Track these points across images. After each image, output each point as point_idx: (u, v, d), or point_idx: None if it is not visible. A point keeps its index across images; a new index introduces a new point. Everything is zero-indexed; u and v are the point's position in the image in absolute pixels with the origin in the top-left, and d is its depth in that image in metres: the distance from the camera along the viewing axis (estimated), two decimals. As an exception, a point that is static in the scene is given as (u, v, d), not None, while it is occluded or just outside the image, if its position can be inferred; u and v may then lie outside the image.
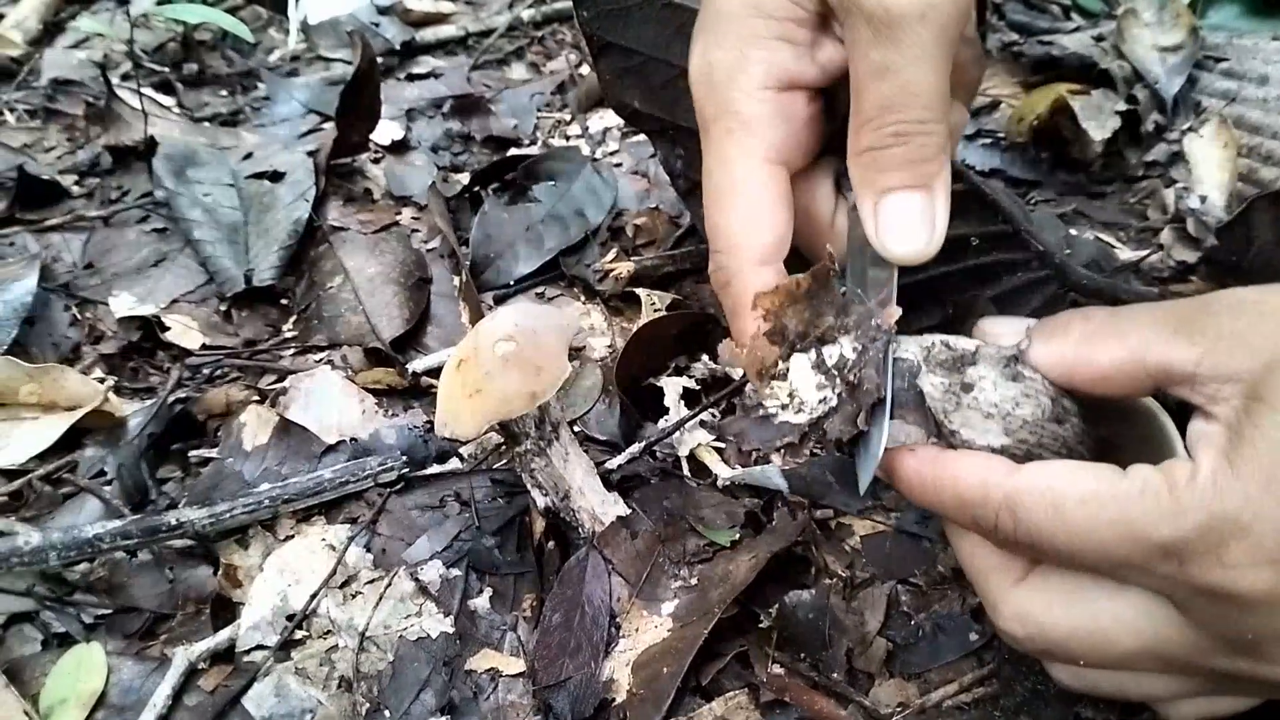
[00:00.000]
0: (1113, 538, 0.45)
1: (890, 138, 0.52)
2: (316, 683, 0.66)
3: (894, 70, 0.51)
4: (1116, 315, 0.51)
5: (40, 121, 1.32)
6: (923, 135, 0.52)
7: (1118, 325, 0.50)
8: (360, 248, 1.02)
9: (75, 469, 0.83)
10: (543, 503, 0.72)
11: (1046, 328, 0.53)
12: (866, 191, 0.54)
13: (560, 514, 0.72)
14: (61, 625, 0.72)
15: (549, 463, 0.70)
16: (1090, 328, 0.51)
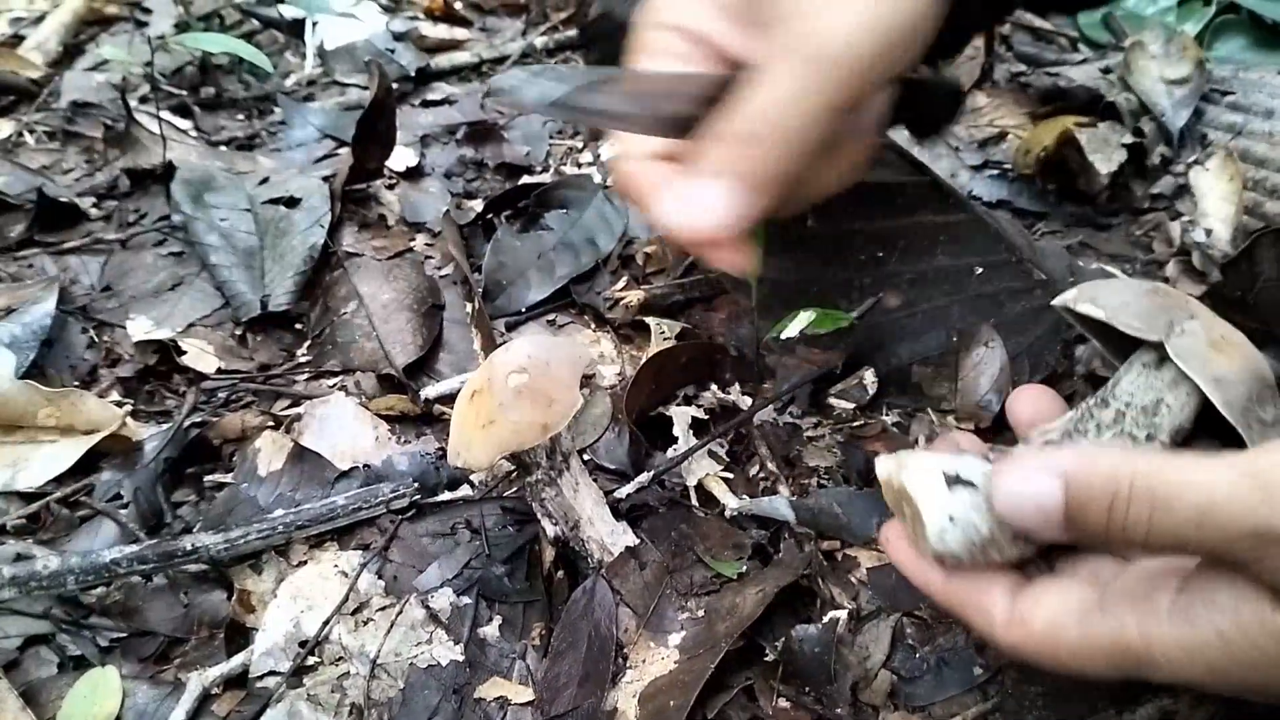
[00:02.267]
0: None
1: (738, 135, 0.56)
2: (328, 709, 0.67)
3: (770, 87, 0.55)
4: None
5: (59, 143, 1.34)
6: (762, 151, 0.55)
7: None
8: (374, 274, 1.03)
9: (92, 492, 0.84)
10: (553, 532, 0.73)
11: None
12: (692, 164, 0.58)
13: (570, 543, 0.73)
14: (77, 648, 0.73)
15: (559, 492, 0.71)
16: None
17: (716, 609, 0.70)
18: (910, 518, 0.55)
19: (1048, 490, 0.48)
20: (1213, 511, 0.43)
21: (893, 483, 0.56)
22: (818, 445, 0.86)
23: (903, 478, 0.54)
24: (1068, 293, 0.62)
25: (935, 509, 0.52)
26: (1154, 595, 0.48)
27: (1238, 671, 0.46)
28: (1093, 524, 0.47)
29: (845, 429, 0.88)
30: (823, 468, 0.84)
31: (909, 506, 0.54)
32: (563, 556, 0.75)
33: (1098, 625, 0.49)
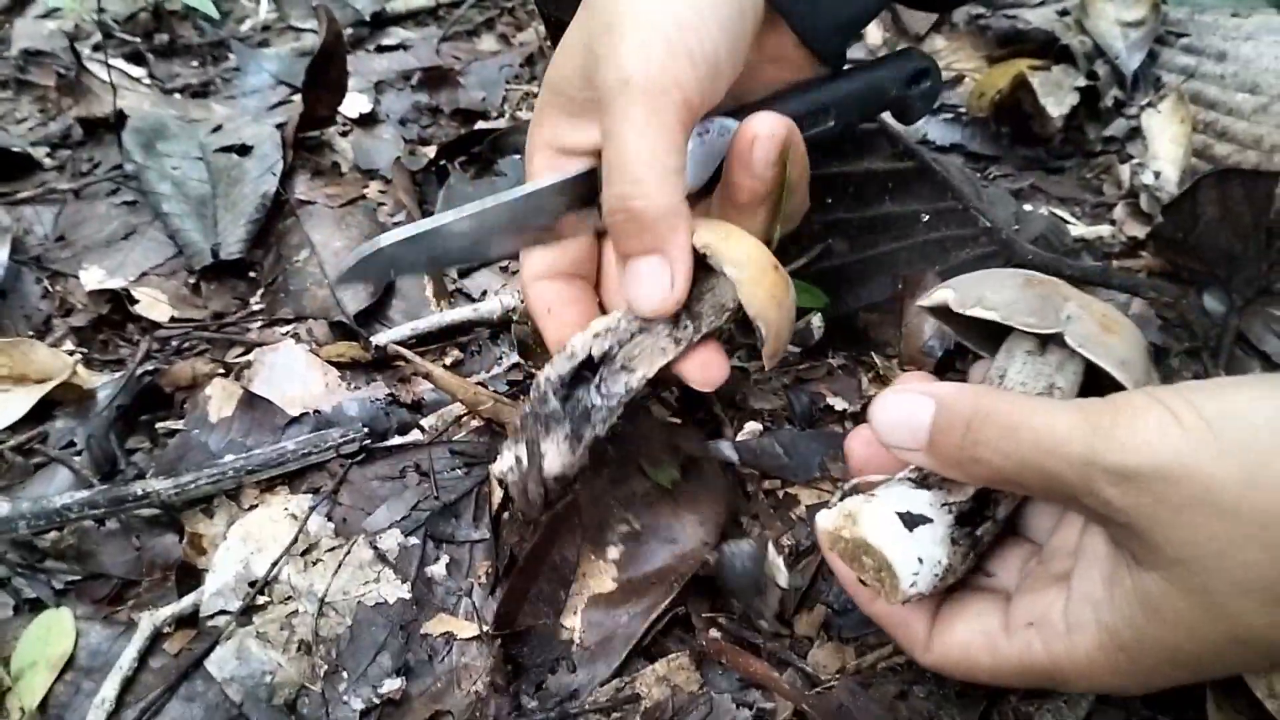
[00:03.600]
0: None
1: (614, 207, 0.59)
2: (277, 646, 0.69)
3: (609, 134, 0.59)
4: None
5: (12, 93, 1.32)
6: (640, 200, 0.58)
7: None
8: (327, 221, 1.04)
9: (46, 440, 0.85)
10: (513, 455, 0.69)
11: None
12: (617, 256, 0.63)
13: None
14: (32, 591, 0.74)
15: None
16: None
17: (654, 529, 0.72)
18: (873, 568, 0.54)
19: (921, 410, 0.51)
20: (1051, 439, 0.47)
21: (843, 535, 0.54)
22: (764, 389, 0.88)
23: (861, 531, 0.53)
24: (942, 293, 0.61)
25: (904, 556, 0.52)
26: (1050, 611, 0.52)
27: (1134, 659, 0.49)
28: (951, 444, 0.50)
29: (792, 372, 0.89)
30: (767, 410, 0.86)
31: (870, 558, 0.54)
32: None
33: (1005, 649, 0.53)
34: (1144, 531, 0.45)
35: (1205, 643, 0.46)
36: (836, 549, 0.55)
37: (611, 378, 0.63)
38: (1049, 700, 0.64)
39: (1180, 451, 0.44)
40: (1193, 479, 0.44)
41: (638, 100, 0.57)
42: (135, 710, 0.66)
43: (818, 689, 0.66)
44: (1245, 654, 0.47)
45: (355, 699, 0.66)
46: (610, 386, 0.63)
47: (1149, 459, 0.44)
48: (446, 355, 0.93)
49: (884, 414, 0.53)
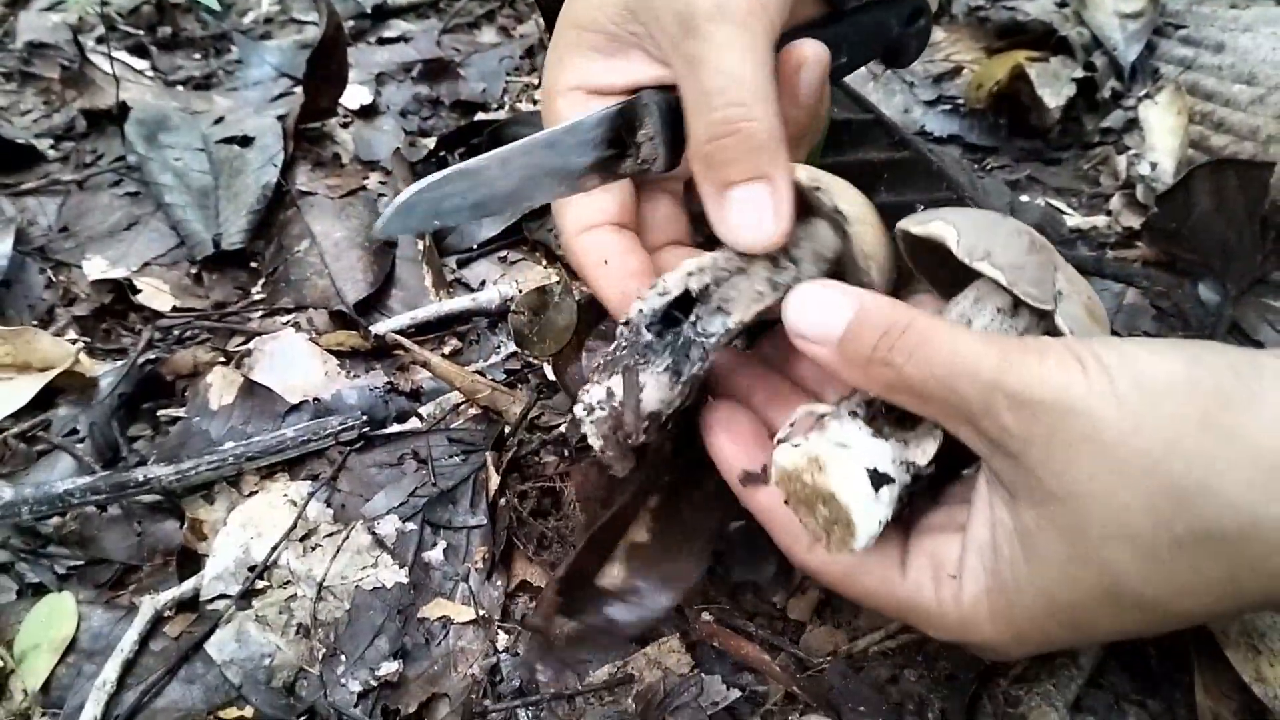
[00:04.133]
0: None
1: (720, 128, 0.55)
2: (276, 629, 0.70)
3: (703, 60, 0.55)
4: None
5: (16, 84, 1.33)
6: (747, 122, 0.55)
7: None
8: (327, 212, 1.04)
9: (49, 427, 0.86)
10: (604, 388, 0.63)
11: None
12: (710, 188, 0.57)
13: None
14: (35, 576, 0.75)
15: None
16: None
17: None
18: (827, 519, 0.52)
19: (841, 306, 0.51)
20: (965, 359, 0.48)
21: (803, 479, 0.52)
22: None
23: (828, 483, 0.51)
24: (941, 228, 0.57)
25: (868, 519, 0.51)
26: (946, 555, 0.53)
27: (1012, 605, 0.49)
28: (863, 345, 0.50)
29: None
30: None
31: (827, 509, 0.52)
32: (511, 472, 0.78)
33: (896, 583, 0.54)
34: (1031, 464, 0.46)
35: (1080, 591, 0.47)
36: (788, 488, 0.53)
37: (708, 318, 0.59)
38: (1038, 684, 0.65)
39: (1077, 389, 0.45)
40: (1082, 416, 0.45)
41: (734, 23, 0.54)
42: (136, 692, 0.67)
43: (809, 672, 0.67)
44: (1120, 612, 0.47)
45: (353, 681, 0.67)
46: (706, 326, 0.58)
47: (1049, 391, 0.46)
48: (445, 344, 0.93)
49: (799, 304, 0.53)
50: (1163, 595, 0.46)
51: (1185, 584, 0.45)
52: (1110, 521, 0.45)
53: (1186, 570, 0.44)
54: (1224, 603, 0.46)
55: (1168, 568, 0.45)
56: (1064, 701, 0.64)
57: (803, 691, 0.64)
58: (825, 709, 0.64)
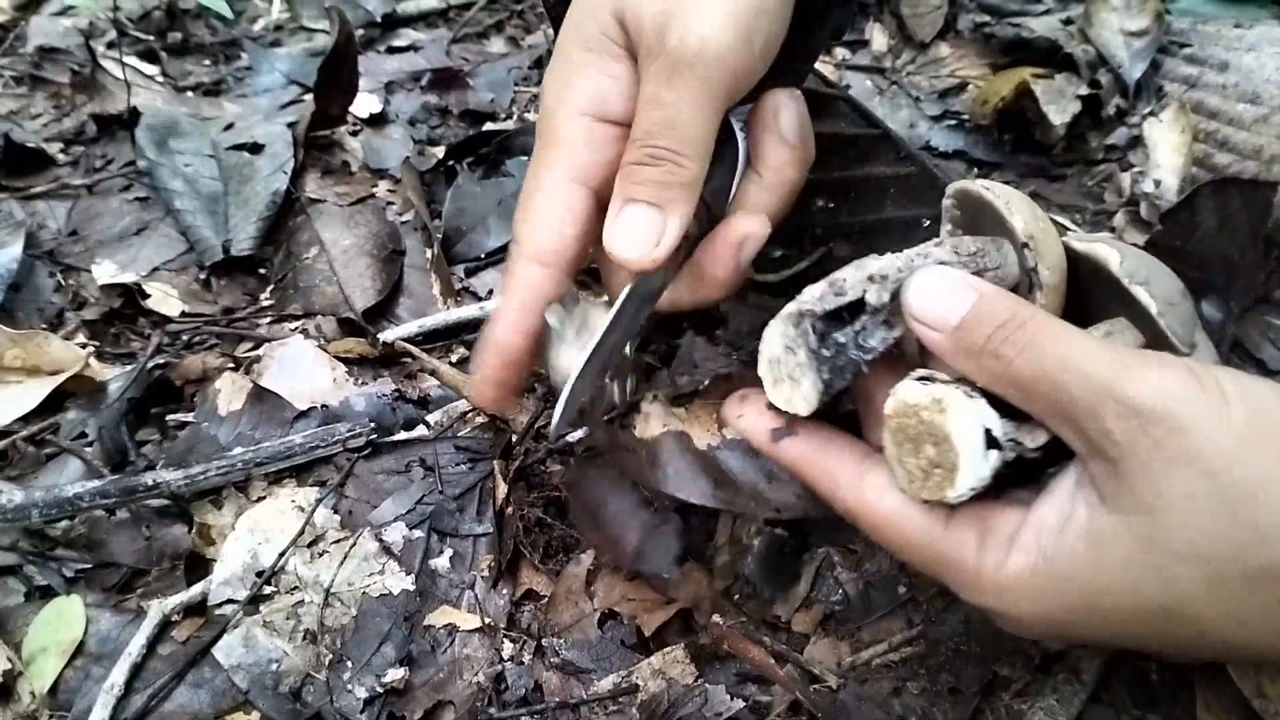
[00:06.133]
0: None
1: (646, 156, 0.57)
2: (283, 635, 0.70)
3: (662, 104, 0.57)
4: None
5: (27, 89, 1.34)
6: (671, 163, 0.57)
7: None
8: (336, 220, 1.05)
9: (58, 431, 0.87)
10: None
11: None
12: (616, 199, 0.59)
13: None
14: (44, 579, 0.76)
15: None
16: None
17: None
18: (930, 461, 0.52)
19: (962, 293, 0.52)
20: (1079, 359, 0.48)
21: (921, 415, 0.52)
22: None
23: (947, 425, 0.51)
24: (1104, 250, 0.56)
25: (974, 472, 0.51)
26: (1000, 523, 0.52)
27: (1059, 592, 0.49)
28: (978, 334, 0.51)
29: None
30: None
31: (935, 450, 0.52)
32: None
33: (938, 536, 0.53)
34: (1128, 472, 0.47)
35: (1139, 601, 0.47)
36: (900, 421, 0.53)
37: (872, 329, 0.56)
38: (1041, 698, 0.65)
39: (1192, 408, 0.45)
40: (1191, 436, 0.45)
41: (702, 75, 0.57)
42: (144, 696, 0.67)
43: (816, 685, 0.67)
44: (1173, 629, 0.48)
45: (359, 687, 0.68)
46: (867, 339, 0.56)
47: (1162, 403, 0.46)
48: (452, 352, 0.94)
49: (921, 288, 0.53)
50: (1220, 623, 0.47)
51: (1246, 617, 0.46)
52: (1190, 542, 0.45)
53: (1251, 604, 0.45)
54: (1276, 643, 0.47)
55: (1233, 598, 0.46)
56: (1066, 716, 0.65)
57: (808, 701, 0.65)
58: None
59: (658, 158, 0.57)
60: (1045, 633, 0.54)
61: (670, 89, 0.57)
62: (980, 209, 0.60)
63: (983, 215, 0.61)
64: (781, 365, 0.57)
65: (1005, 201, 0.58)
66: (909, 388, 0.53)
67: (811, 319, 0.56)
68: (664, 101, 0.57)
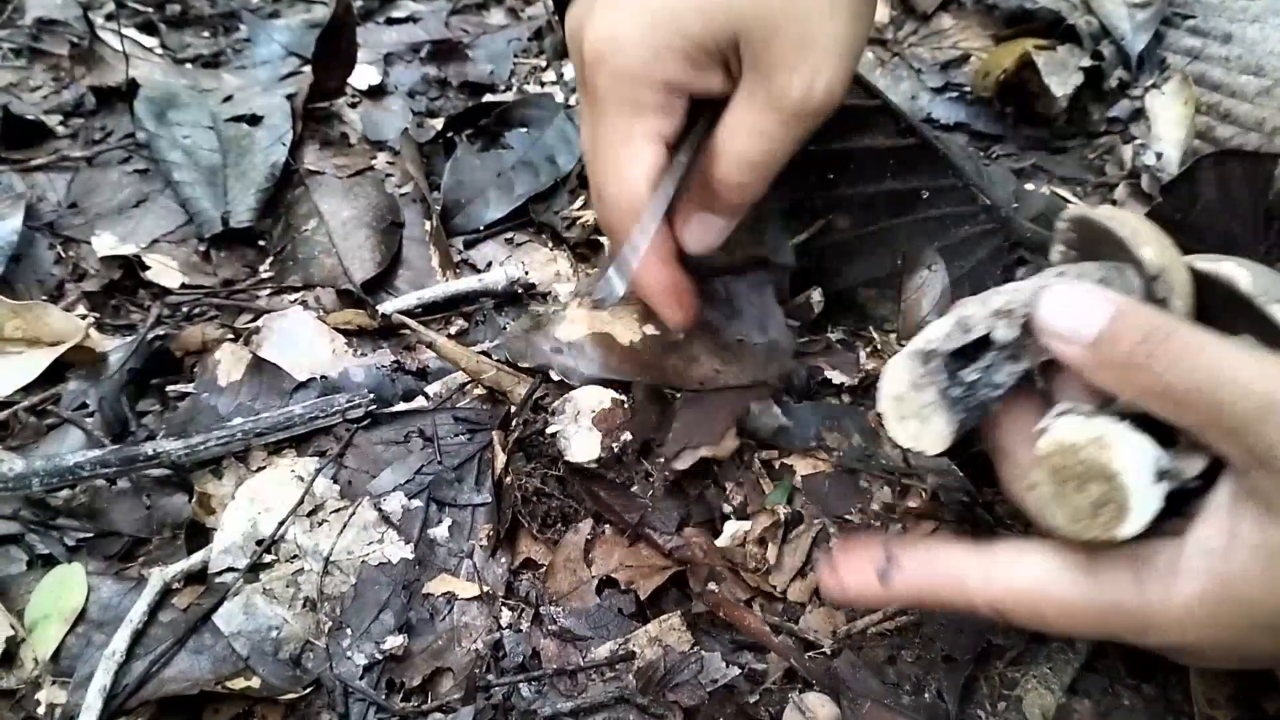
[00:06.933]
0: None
1: (738, 184, 0.64)
2: (283, 602, 0.71)
3: (771, 139, 0.61)
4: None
5: (26, 61, 1.33)
6: (758, 188, 0.66)
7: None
8: (335, 192, 1.05)
9: (59, 401, 0.87)
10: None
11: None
12: (694, 204, 0.67)
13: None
14: (45, 547, 0.76)
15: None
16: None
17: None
18: (1096, 500, 0.51)
19: (1099, 306, 0.51)
20: (1235, 369, 0.47)
21: (1079, 455, 0.51)
22: (763, 360, 0.89)
23: (1111, 462, 0.50)
24: (1232, 269, 0.55)
25: (1145, 505, 0.49)
26: (1154, 555, 0.50)
27: (1237, 614, 0.48)
28: (1121, 348, 0.49)
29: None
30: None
31: (1099, 488, 0.50)
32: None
33: (1087, 587, 0.51)
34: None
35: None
36: (1058, 461, 0.52)
37: (999, 365, 0.56)
38: (1034, 666, 0.66)
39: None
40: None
41: (814, 123, 0.62)
42: (145, 662, 0.68)
43: (811, 653, 0.68)
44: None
45: (358, 654, 0.68)
46: (994, 375, 0.56)
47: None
48: (451, 324, 0.94)
49: (1054, 302, 0.52)
50: None
51: None
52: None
53: None
54: None
55: None
56: (1060, 685, 0.65)
57: (803, 669, 0.65)
58: (824, 688, 0.65)
59: (745, 186, 0.62)
60: (1231, 658, 0.52)
61: (784, 129, 0.60)
62: (1099, 237, 0.59)
63: (1101, 243, 0.59)
64: (906, 403, 0.57)
65: (1132, 232, 0.56)
66: (1068, 423, 0.52)
67: (940, 358, 0.56)
68: (774, 138, 0.60)
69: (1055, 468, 0.52)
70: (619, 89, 0.62)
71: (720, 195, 0.65)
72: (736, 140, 0.62)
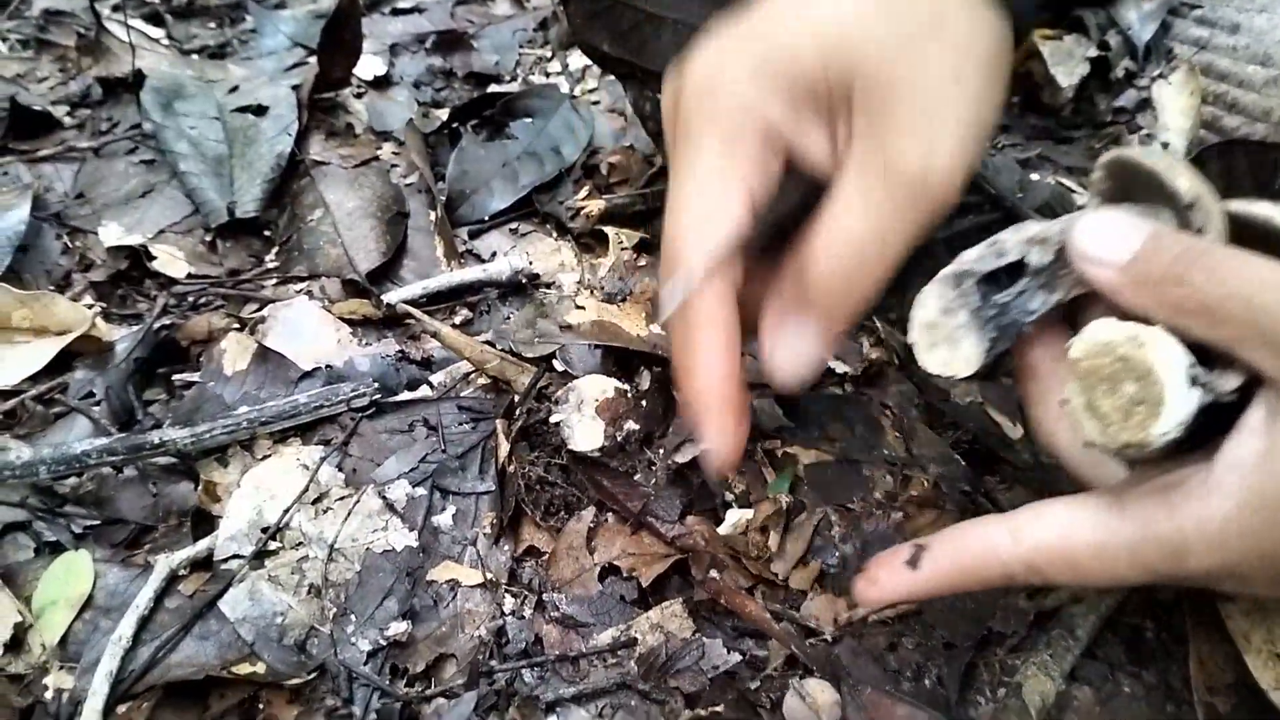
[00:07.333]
0: None
1: (843, 270, 0.52)
2: (288, 589, 0.71)
3: (881, 214, 0.51)
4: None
5: (33, 52, 1.34)
6: (866, 279, 0.52)
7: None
8: (340, 182, 1.05)
9: (66, 390, 0.88)
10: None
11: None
12: (787, 303, 0.55)
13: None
14: (53, 535, 0.77)
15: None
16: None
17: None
18: (1130, 399, 0.49)
19: (1132, 233, 0.50)
20: (1273, 283, 0.45)
21: (1119, 352, 0.49)
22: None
23: (1149, 359, 0.48)
24: (1266, 208, 0.53)
25: (1179, 405, 0.48)
26: (1185, 478, 0.49)
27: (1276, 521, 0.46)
28: (1154, 267, 0.48)
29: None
30: (769, 371, 0.87)
31: (1135, 387, 0.49)
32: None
33: (1118, 526, 0.49)
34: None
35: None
36: (1092, 363, 0.50)
37: (1032, 292, 0.55)
38: (1035, 654, 0.66)
39: None
40: None
41: (934, 209, 0.51)
42: (151, 647, 0.68)
43: (811, 640, 0.68)
44: None
45: (363, 640, 0.69)
46: (1028, 302, 0.55)
47: None
48: (456, 314, 0.95)
49: (1089, 227, 0.51)
50: None
51: None
52: None
53: None
54: None
55: None
56: (1060, 671, 0.66)
57: (803, 655, 0.66)
58: (824, 674, 0.66)
59: (852, 279, 0.52)
60: (1275, 576, 0.49)
61: (898, 208, 0.50)
62: (1133, 179, 0.57)
63: (1135, 186, 0.58)
64: (938, 329, 0.56)
65: (1167, 165, 0.55)
66: (1104, 325, 0.50)
67: (973, 279, 0.55)
68: (887, 214, 0.50)
69: (1088, 370, 0.50)
70: (717, 127, 0.54)
71: (820, 293, 0.53)
72: (843, 216, 0.51)
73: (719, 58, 0.54)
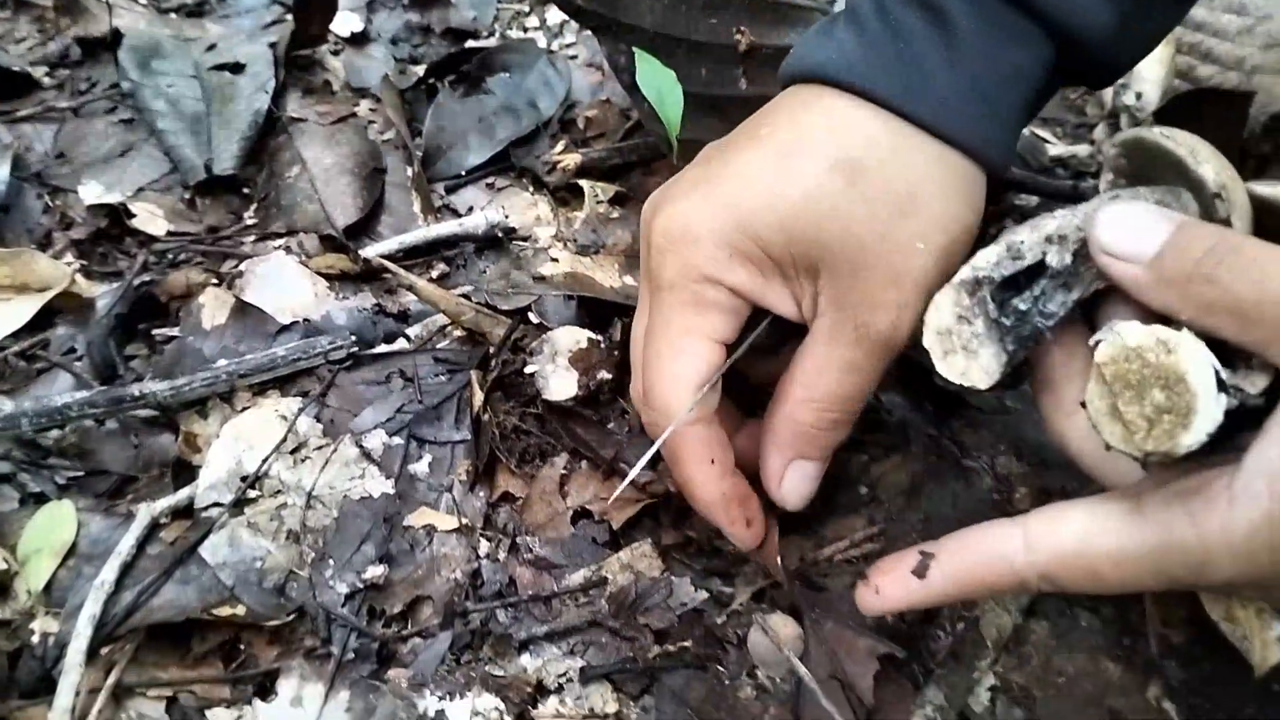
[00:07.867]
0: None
1: (829, 422, 0.60)
2: (267, 535, 0.73)
3: (858, 370, 0.57)
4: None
5: (11, 12, 1.33)
6: (847, 424, 0.61)
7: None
8: (318, 139, 1.06)
9: (47, 346, 0.89)
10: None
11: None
12: (785, 451, 0.62)
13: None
14: (36, 486, 0.78)
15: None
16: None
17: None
18: (1158, 407, 0.47)
19: (1160, 226, 0.48)
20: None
21: (1146, 357, 0.47)
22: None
23: (1178, 364, 0.46)
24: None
25: (1208, 412, 0.46)
26: (1207, 485, 0.46)
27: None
28: (1182, 263, 0.46)
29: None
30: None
31: (1165, 394, 0.47)
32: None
33: (1137, 533, 0.48)
34: None
35: None
36: (1118, 369, 0.48)
37: (1051, 293, 0.54)
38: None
39: None
40: None
41: (893, 353, 0.58)
42: (133, 592, 0.70)
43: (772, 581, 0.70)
44: None
45: (340, 583, 0.71)
46: (1046, 304, 0.54)
47: None
48: (432, 268, 0.95)
49: (1111, 219, 0.49)
50: None
51: None
52: None
53: None
54: None
55: None
56: (1017, 606, 0.68)
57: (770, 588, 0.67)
58: (789, 610, 0.67)
59: (839, 423, 0.59)
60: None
61: (872, 361, 0.57)
62: (1153, 159, 0.57)
63: (1155, 166, 0.57)
64: (954, 336, 0.55)
65: (1190, 150, 0.54)
66: (1132, 329, 0.48)
67: (989, 287, 0.54)
68: (864, 370, 0.57)
69: (1114, 376, 0.48)
70: (685, 283, 0.58)
71: (813, 439, 0.60)
72: (826, 379, 0.58)
73: (686, 216, 0.58)
